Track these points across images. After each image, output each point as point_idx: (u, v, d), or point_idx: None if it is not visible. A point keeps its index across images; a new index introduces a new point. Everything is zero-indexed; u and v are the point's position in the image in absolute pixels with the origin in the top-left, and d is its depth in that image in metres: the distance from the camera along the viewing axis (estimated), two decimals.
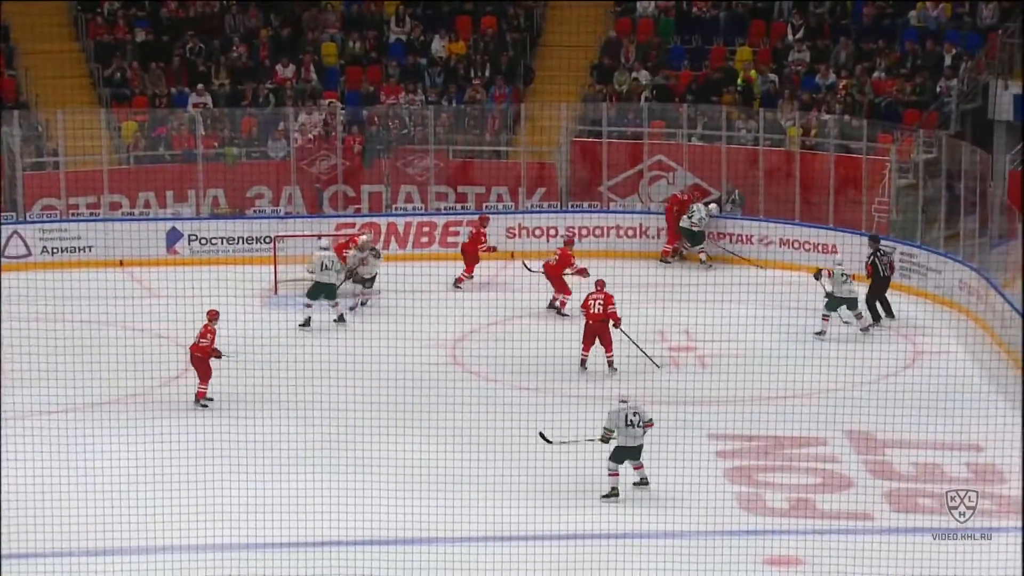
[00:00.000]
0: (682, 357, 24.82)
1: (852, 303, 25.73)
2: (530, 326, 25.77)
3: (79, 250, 30.38)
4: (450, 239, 31.11)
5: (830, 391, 22.16)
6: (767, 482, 19.58)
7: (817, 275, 25.95)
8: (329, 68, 34.84)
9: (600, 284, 24.19)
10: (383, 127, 32.79)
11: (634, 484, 19.04)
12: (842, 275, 25.73)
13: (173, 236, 30.74)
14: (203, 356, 22.42)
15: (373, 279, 27.26)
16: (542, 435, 19.36)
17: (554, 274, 27.14)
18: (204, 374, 22.48)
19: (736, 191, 31.11)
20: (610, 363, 24.07)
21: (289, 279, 28.54)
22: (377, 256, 27.39)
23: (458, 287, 28.57)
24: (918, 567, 16.92)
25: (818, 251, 29.58)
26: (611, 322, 23.82)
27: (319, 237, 28.98)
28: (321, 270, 26.24)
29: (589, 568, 17.05)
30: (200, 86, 33.70)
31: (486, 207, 31.54)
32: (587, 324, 24.01)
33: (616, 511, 18.29)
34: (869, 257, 26.37)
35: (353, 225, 30.51)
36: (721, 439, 20.93)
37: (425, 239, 31.19)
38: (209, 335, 22.52)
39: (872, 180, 29.82)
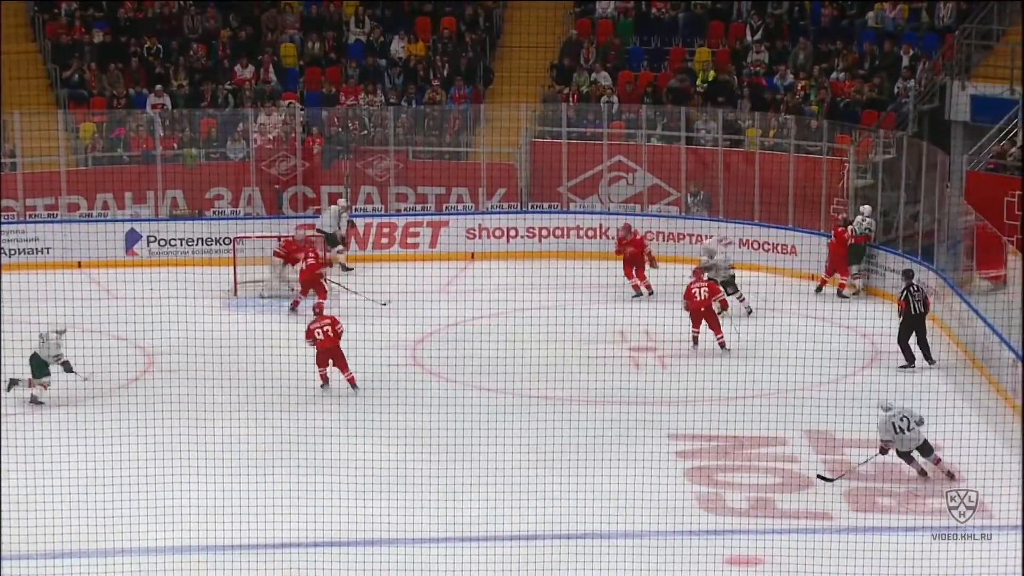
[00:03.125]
0: (642, 357, 24.86)
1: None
2: (490, 327, 25.76)
3: (37, 252, 30.25)
4: (410, 240, 31.10)
5: (790, 391, 22.23)
6: (727, 482, 19.63)
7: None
8: (288, 69, 34.77)
9: (699, 272, 25.59)
10: (343, 128, 32.74)
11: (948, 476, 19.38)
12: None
13: (132, 237, 30.63)
14: (332, 345, 22.84)
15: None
16: (821, 476, 19.48)
17: (838, 254, 27.90)
18: (342, 364, 22.86)
19: (701, 192, 31.19)
20: (721, 344, 24.78)
21: (249, 280, 28.49)
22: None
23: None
24: (876, 566, 17.00)
25: (778, 251, 29.69)
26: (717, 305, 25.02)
27: (279, 238, 28.93)
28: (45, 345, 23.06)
29: (549, 569, 17.06)
30: (159, 87, 33.58)
31: (446, 208, 31.56)
32: (695, 310, 24.88)
33: (576, 512, 18.28)
34: (902, 292, 24.18)
35: (312, 227, 30.45)
36: (681, 439, 20.97)
37: (385, 240, 31.16)
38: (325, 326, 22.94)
39: (830, 180, 29.93)
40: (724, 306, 25.33)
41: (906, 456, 19.46)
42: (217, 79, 34.18)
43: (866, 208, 28.46)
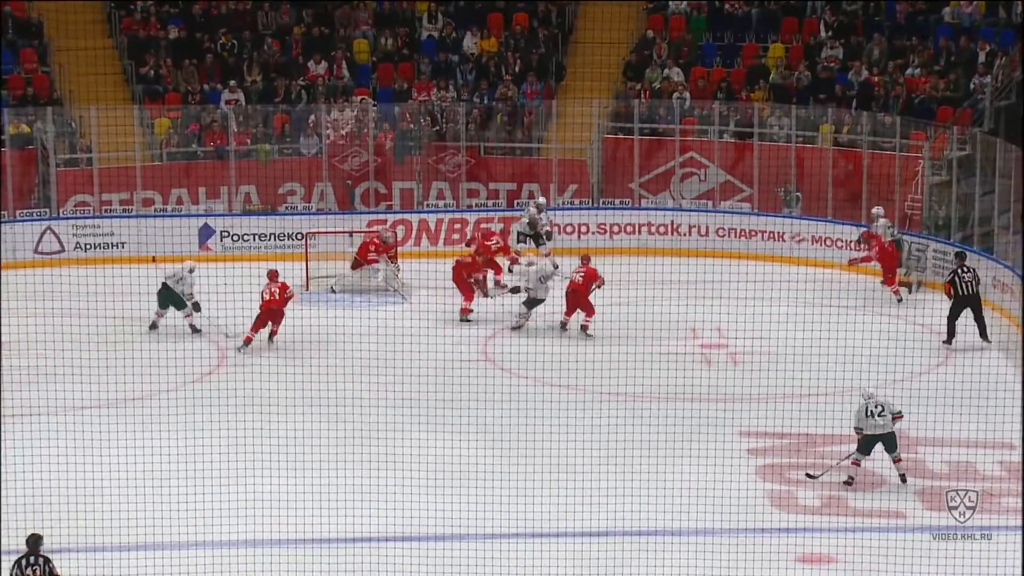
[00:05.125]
0: (714, 354, 24.77)
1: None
2: (555, 323, 25.72)
3: (112, 246, 30.51)
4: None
5: (862, 389, 22.04)
6: (799, 480, 19.52)
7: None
8: (361, 65, 34.89)
9: (586, 259, 25.84)
10: (415, 124, 32.81)
11: (901, 479, 19.23)
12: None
13: (205, 232, 30.83)
14: (277, 307, 24.49)
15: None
16: (808, 475, 19.47)
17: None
18: (278, 323, 24.64)
19: (797, 191, 31.02)
20: (584, 327, 25.31)
21: (321, 275, 28.60)
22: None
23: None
24: (951, 566, 16.84)
25: (851, 248, 29.49)
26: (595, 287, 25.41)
27: (351, 234, 29.04)
28: (177, 282, 25.63)
29: (620, 565, 17.02)
30: (232, 83, 33.80)
31: (517, 204, 31.55)
32: (569, 292, 25.48)
33: (647, 508, 18.23)
34: (950, 275, 25.08)
35: (385, 222, 30.53)
36: (753, 437, 20.88)
37: (456, 236, 31.19)
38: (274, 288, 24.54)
39: (905, 177, 29.72)
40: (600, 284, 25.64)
41: (867, 445, 19.16)
42: (290, 75, 34.35)
43: (878, 209, 28.30)
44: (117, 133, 31.45)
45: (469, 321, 26.22)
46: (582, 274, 25.47)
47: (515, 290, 26.07)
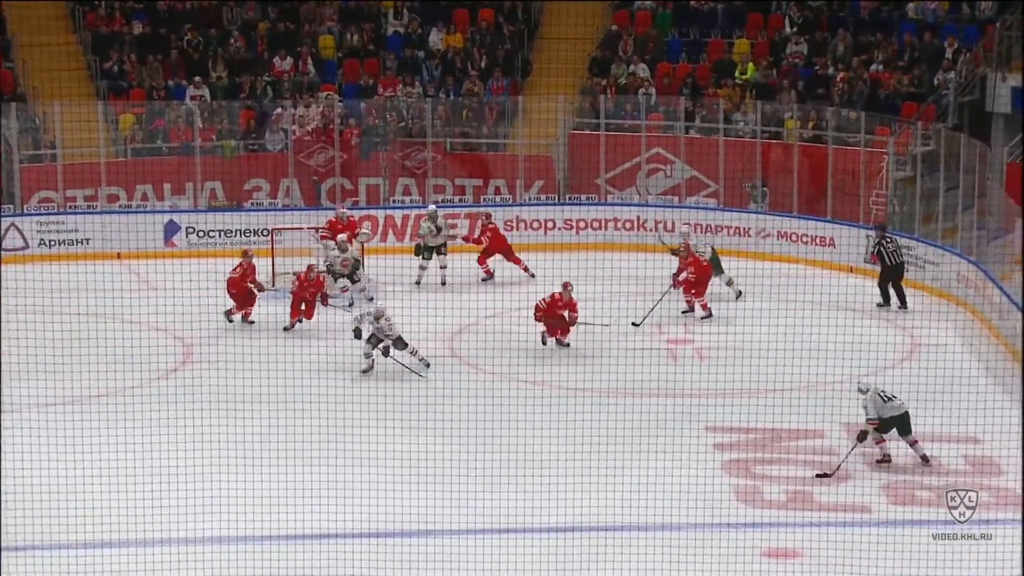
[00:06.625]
0: (680, 350, 24.82)
1: None
2: (528, 318, 25.71)
3: (77, 243, 30.39)
4: (449, 232, 31.07)
5: (828, 383, 22.16)
6: (765, 475, 19.58)
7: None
8: (327, 61, 34.83)
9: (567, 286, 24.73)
10: (381, 120, 32.77)
11: (923, 460, 19.42)
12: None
13: (171, 229, 30.74)
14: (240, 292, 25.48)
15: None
16: (819, 474, 19.41)
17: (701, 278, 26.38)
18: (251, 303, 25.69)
19: (763, 186, 31.08)
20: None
21: (286, 272, 28.52)
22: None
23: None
24: (916, 559, 16.92)
25: (816, 244, 29.60)
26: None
27: (316, 230, 28.99)
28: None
29: (586, 561, 17.05)
30: (197, 79, 33.70)
31: (484, 200, 31.57)
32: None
33: (613, 504, 18.26)
34: (875, 247, 26.67)
35: (354, 218, 30.46)
36: (719, 431, 20.92)
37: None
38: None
39: (870, 173, 29.83)
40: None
41: (884, 427, 19.33)
42: (256, 71, 34.26)
43: (686, 227, 28.06)
44: (81, 129, 31.31)
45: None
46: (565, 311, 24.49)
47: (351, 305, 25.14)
